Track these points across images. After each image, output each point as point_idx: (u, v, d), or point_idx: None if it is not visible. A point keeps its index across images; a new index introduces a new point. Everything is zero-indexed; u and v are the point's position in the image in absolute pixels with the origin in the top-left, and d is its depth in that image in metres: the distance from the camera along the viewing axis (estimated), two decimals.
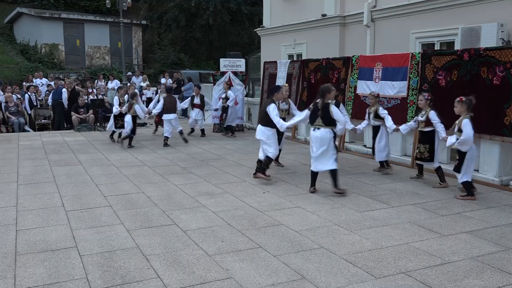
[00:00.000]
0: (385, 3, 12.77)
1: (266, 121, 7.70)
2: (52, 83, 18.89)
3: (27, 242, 5.06)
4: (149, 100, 18.09)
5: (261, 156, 8.00)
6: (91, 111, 15.41)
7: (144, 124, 15.39)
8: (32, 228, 5.52)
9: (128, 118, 11.34)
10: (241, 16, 31.41)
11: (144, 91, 19.74)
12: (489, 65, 7.67)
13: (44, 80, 19.49)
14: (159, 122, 13.24)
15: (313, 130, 7.03)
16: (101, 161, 9.69)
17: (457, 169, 6.88)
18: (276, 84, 13.58)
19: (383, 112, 8.45)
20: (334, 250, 4.87)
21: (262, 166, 7.87)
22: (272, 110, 7.59)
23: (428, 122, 7.57)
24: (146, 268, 4.39)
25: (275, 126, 7.66)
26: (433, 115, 7.48)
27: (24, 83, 19.54)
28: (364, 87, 10.30)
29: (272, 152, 7.81)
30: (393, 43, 12.33)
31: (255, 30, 20.48)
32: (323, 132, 6.92)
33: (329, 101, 6.92)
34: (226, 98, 13.49)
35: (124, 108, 11.47)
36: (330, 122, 6.88)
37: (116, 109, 11.61)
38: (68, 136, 13.41)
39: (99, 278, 4.16)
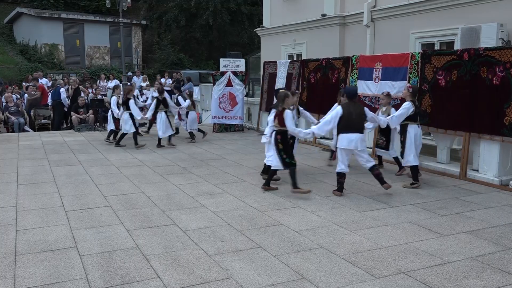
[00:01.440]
0: (385, 3, 12.77)
1: (363, 128, 7.03)
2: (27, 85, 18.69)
3: (27, 242, 5.06)
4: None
5: (345, 169, 7.01)
6: (91, 111, 15.40)
7: (143, 124, 15.36)
8: (32, 228, 5.52)
9: (192, 115, 12.16)
10: (241, 16, 31.42)
11: (144, 91, 19.73)
12: (489, 65, 7.67)
13: (44, 80, 19.46)
14: (153, 120, 13.08)
15: (418, 127, 7.68)
16: (101, 161, 9.68)
17: (387, 147, 8.50)
18: (276, 84, 13.60)
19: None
20: (334, 250, 4.87)
21: (381, 177, 6.97)
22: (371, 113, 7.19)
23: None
24: (146, 268, 4.39)
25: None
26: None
27: (23, 83, 19.54)
28: (364, 87, 10.31)
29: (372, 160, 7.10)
30: (393, 43, 12.32)
31: (255, 30, 20.48)
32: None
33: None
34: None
35: (184, 105, 12.13)
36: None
37: (116, 112, 11.58)
38: (68, 136, 13.41)
39: (99, 278, 4.16)
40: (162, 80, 20.94)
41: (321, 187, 7.51)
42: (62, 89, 15.84)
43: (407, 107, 7.48)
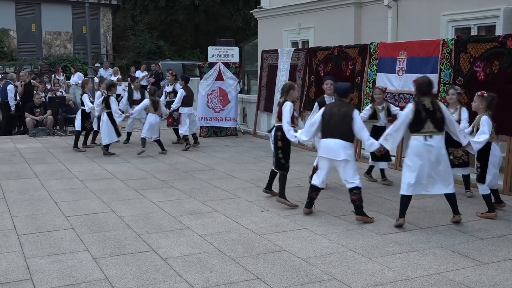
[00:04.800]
0: None
1: (349, 134, 6.77)
2: None
3: None
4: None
5: (318, 182, 7.04)
6: (49, 112, 15.37)
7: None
8: None
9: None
10: None
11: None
12: None
13: None
14: (172, 123, 13.00)
15: (425, 139, 6.42)
16: (61, 173, 9.67)
17: (481, 178, 6.95)
18: (277, 78, 13.63)
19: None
20: (349, 282, 4.87)
21: (358, 204, 6.76)
22: (360, 119, 6.86)
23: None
24: None
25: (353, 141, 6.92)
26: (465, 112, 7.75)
27: None
28: (385, 81, 10.34)
29: (358, 176, 6.86)
30: (420, 28, 12.37)
31: (251, 11, 20.54)
32: (439, 141, 6.42)
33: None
34: (174, 92, 12.89)
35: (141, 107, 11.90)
36: (443, 126, 6.49)
37: (121, 116, 11.67)
38: (21, 143, 13.39)
39: None
40: (138, 73, 20.96)
41: (333, 205, 7.51)
42: (9, 86, 15.60)
43: (488, 124, 6.75)
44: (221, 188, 8.56)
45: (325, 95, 8.47)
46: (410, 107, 6.55)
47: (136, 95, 13.41)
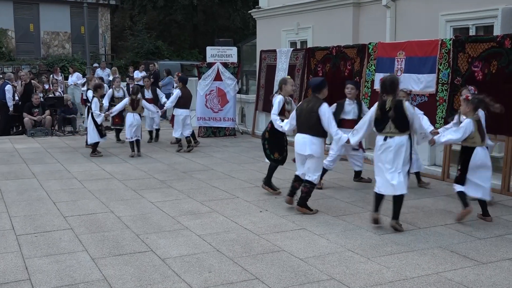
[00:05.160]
0: None
1: (316, 129, 6.90)
2: None
3: None
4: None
5: (298, 173, 7.28)
6: (47, 112, 15.36)
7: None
8: None
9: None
10: None
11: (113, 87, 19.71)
12: None
13: None
14: (119, 123, 12.89)
15: (384, 140, 6.38)
16: (60, 174, 9.68)
17: (459, 180, 6.73)
18: (276, 78, 13.64)
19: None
20: (347, 281, 4.88)
21: (303, 196, 7.06)
22: (329, 113, 6.89)
23: None
24: None
25: (324, 136, 7.04)
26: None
27: None
28: None
29: (318, 174, 7.11)
30: (418, 28, 12.38)
31: (249, 11, 20.55)
32: (399, 141, 6.30)
33: (402, 98, 6.64)
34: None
35: (116, 108, 11.74)
36: (405, 127, 6.36)
37: (100, 116, 11.36)
38: (20, 143, 13.39)
39: None
40: (136, 73, 20.95)
41: (332, 205, 7.52)
42: (7, 87, 15.55)
43: (466, 128, 6.58)
44: (220, 188, 8.57)
45: (346, 99, 8.72)
46: (375, 106, 6.58)
47: (148, 94, 13.41)
